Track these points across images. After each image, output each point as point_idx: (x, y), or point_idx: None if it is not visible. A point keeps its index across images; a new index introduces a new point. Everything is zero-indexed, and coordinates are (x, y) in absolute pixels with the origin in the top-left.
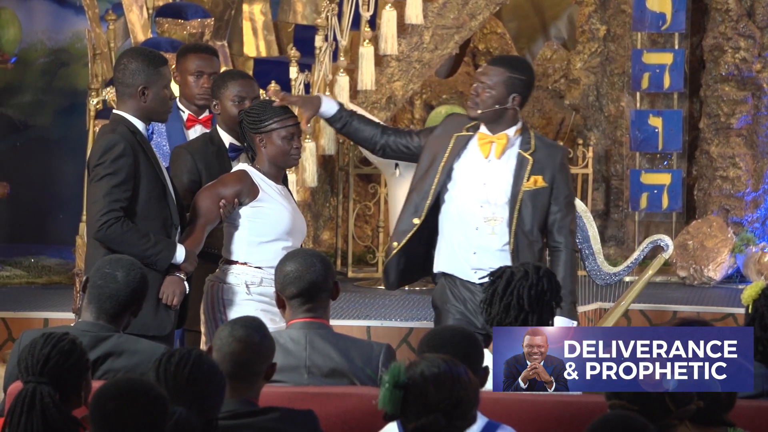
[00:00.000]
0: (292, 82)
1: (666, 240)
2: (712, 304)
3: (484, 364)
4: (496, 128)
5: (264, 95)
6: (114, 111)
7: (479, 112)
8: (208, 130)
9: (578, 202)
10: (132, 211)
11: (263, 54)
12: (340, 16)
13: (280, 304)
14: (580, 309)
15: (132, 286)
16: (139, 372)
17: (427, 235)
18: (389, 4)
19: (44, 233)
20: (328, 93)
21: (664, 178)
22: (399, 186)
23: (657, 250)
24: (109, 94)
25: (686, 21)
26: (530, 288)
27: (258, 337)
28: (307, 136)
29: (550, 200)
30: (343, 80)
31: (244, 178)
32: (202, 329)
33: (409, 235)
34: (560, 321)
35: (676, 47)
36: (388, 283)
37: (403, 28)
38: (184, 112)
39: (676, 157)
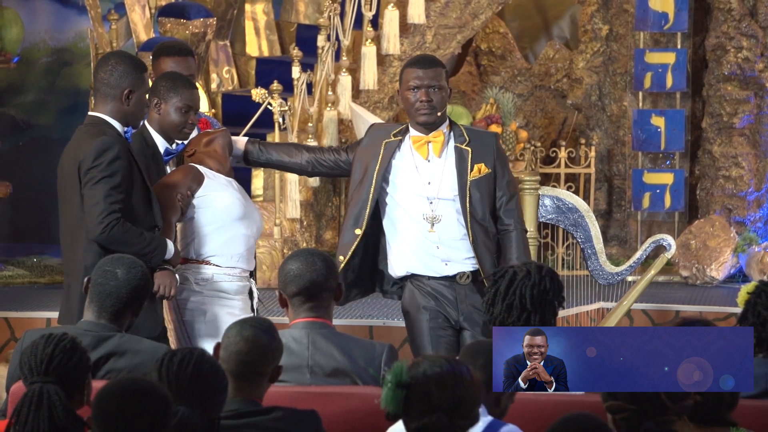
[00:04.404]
0: (295, 82)
1: (668, 240)
2: (715, 304)
3: None
4: (430, 129)
5: (258, 96)
6: (92, 113)
7: (439, 114)
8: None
9: (581, 202)
10: (124, 213)
11: (266, 53)
12: (342, 15)
13: (283, 303)
14: (582, 309)
15: (133, 284)
16: (142, 372)
17: (372, 246)
18: (391, 4)
19: (47, 233)
20: (330, 92)
21: (667, 178)
22: None
23: (659, 249)
24: None
25: (689, 20)
26: (533, 287)
27: (266, 338)
28: (310, 136)
29: (495, 185)
30: (345, 80)
31: (190, 169)
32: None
33: (353, 246)
34: None
35: (679, 47)
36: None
37: (405, 27)
38: None
39: (679, 156)
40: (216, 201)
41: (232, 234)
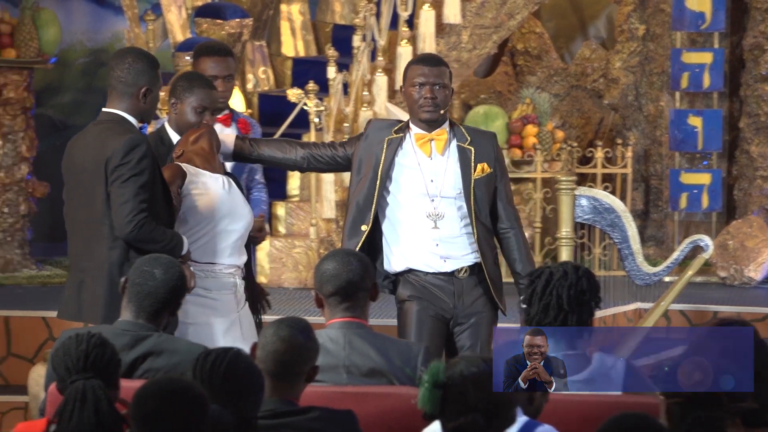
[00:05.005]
0: (330, 82)
1: (706, 240)
2: (753, 305)
3: None
4: (432, 127)
5: (294, 96)
6: (108, 110)
7: (441, 112)
8: (228, 129)
9: (618, 202)
10: (148, 210)
11: (301, 54)
12: (378, 15)
13: (319, 303)
14: (620, 309)
15: (171, 284)
16: (179, 371)
17: (371, 242)
18: (427, 4)
19: None
20: (366, 92)
21: (704, 178)
22: None
23: (697, 250)
24: None
25: (726, 20)
26: (569, 288)
27: (302, 338)
28: (345, 136)
29: (495, 185)
30: (381, 80)
31: (174, 167)
32: None
33: (360, 242)
34: None
35: (716, 46)
36: None
37: (441, 27)
38: None
39: (716, 156)
40: (196, 199)
41: (211, 230)
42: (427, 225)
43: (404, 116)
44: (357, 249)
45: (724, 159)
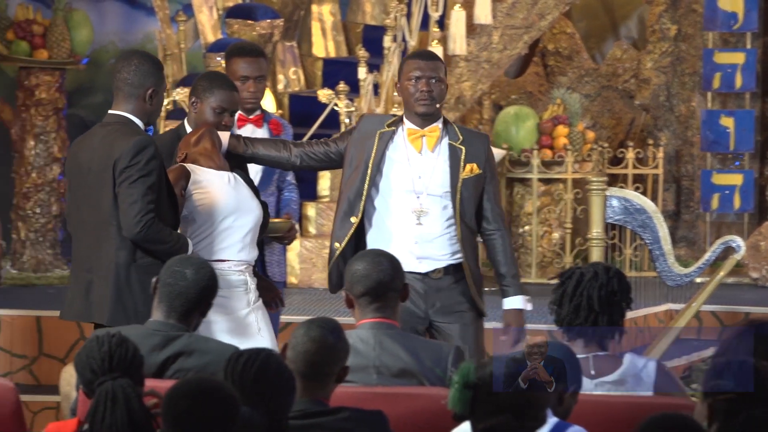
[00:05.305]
0: (361, 83)
1: (738, 241)
2: None
3: None
4: (426, 122)
5: (325, 96)
6: (114, 112)
7: (438, 106)
8: (259, 129)
9: (649, 203)
10: (155, 212)
11: (332, 54)
12: (409, 16)
13: (349, 303)
14: (651, 310)
15: (201, 284)
16: (210, 371)
17: (359, 235)
18: (458, 5)
19: None
20: (396, 93)
21: (736, 179)
22: None
23: (728, 251)
24: (179, 94)
25: (758, 20)
26: (600, 288)
27: (333, 338)
28: None
29: (483, 186)
30: None
31: (178, 168)
32: None
33: (349, 234)
34: (519, 300)
35: (748, 47)
36: (332, 286)
37: (472, 28)
38: None
39: (748, 157)
40: (201, 197)
41: (218, 227)
42: (410, 221)
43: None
44: (345, 241)
45: (756, 159)
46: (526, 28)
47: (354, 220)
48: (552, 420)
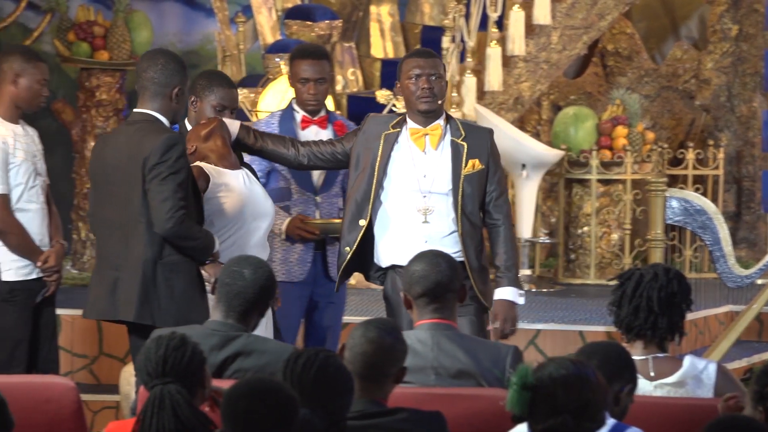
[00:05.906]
0: None
1: None
2: None
3: None
4: (428, 120)
5: (383, 97)
6: (140, 110)
7: (439, 102)
8: (324, 130)
9: (709, 204)
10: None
11: (390, 55)
12: (467, 16)
13: (407, 304)
14: (711, 312)
15: (260, 284)
16: (268, 372)
17: (368, 236)
18: (517, 5)
19: None
20: (455, 94)
21: None
22: (526, 186)
23: None
24: (239, 96)
25: None
26: (660, 290)
27: (390, 339)
28: None
29: (486, 181)
30: (470, 81)
31: (196, 168)
32: None
33: (359, 237)
34: (509, 292)
35: None
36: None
37: (531, 28)
38: (298, 112)
39: None
40: (221, 201)
41: (238, 230)
42: (417, 220)
43: (492, 117)
44: (356, 244)
45: None
46: (585, 29)
47: (363, 222)
48: (610, 421)
